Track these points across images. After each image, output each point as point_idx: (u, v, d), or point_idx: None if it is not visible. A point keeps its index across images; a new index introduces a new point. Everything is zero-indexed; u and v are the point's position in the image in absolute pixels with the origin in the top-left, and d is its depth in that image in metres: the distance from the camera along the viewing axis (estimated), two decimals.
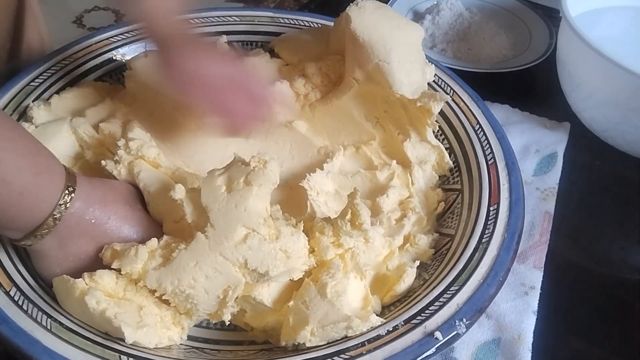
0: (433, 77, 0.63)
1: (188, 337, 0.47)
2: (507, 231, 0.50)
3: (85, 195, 0.44)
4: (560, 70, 0.75)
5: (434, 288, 0.46)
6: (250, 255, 0.43)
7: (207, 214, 0.43)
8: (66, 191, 0.42)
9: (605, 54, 0.63)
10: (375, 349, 0.42)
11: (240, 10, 0.73)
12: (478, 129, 0.60)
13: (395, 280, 0.49)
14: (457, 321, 0.43)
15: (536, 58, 0.81)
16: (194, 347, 0.47)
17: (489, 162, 0.56)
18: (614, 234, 0.64)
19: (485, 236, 0.50)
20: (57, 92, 0.60)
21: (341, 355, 0.42)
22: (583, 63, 0.68)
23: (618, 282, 0.60)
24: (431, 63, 0.63)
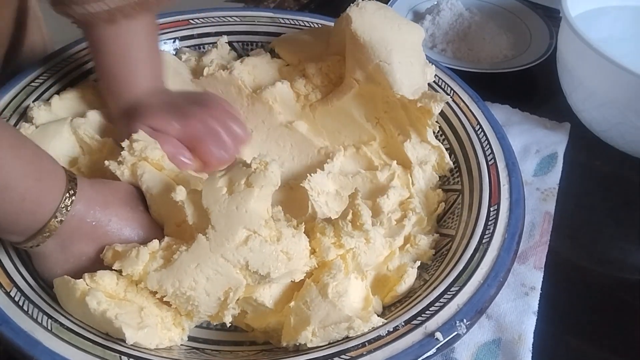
0: (433, 78, 0.63)
1: (188, 338, 0.47)
2: (508, 232, 0.50)
3: (86, 197, 0.44)
4: (560, 70, 0.75)
5: (435, 289, 0.46)
6: (251, 257, 0.43)
7: (208, 216, 0.43)
8: (67, 194, 0.42)
9: (605, 54, 0.63)
10: (375, 350, 0.42)
11: (240, 10, 0.73)
12: (478, 130, 0.60)
13: (396, 280, 0.49)
14: (458, 322, 0.43)
15: (536, 58, 0.81)
16: (195, 348, 0.47)
17: (489, 163, 0.56)
18: (614, 234, 0.65)
19: (485, 237, 0.50)
20: (58, 93, 0.60)
21: (342, 355, 0.42)
22: (583, 63, 0.68)
23: (618, 282, 0.60)
24: (431, 63, 0.63)
